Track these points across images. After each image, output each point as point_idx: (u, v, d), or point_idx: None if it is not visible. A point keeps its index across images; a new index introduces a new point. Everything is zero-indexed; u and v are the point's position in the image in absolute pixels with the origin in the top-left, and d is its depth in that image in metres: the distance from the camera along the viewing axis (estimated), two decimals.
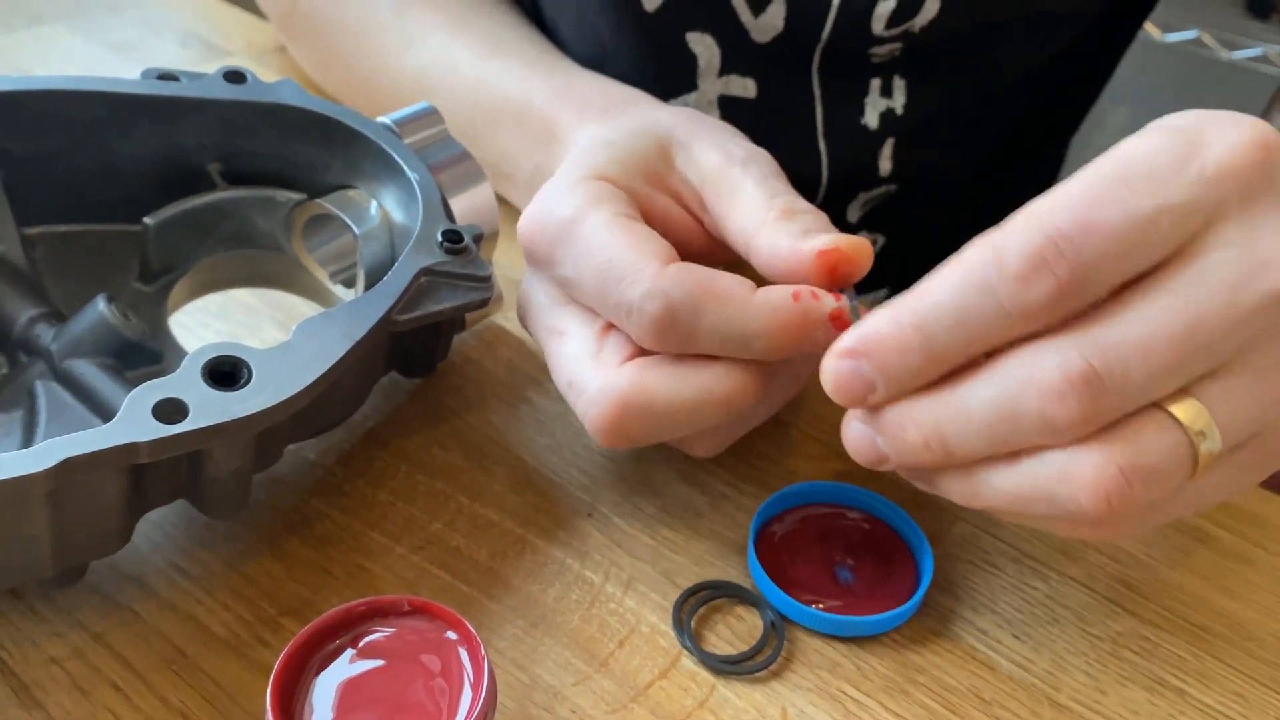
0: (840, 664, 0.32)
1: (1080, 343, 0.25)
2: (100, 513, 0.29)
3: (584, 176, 0.34)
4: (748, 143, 0.37)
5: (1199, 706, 0.32)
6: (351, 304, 0.32)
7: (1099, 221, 0.25)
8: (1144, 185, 0.25)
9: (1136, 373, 0.25)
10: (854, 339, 0.28)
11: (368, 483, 0.37)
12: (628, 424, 0.31)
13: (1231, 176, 0.26)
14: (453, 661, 0.28)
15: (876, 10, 0.47)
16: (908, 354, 0.27)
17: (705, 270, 0.31)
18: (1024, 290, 0.25)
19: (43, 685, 0.30)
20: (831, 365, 0.28)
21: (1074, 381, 0.25)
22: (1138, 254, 0.26)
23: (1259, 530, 0.37)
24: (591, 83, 0.45)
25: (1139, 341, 0.25)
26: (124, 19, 0.65)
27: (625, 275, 0.31)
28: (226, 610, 0.33)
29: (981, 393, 0.26)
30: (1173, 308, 0.25)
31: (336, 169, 0.39)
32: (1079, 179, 0.26)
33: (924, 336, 0.27)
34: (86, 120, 0.37)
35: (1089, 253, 0.25)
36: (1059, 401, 0.25)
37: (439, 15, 0.50)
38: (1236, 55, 1.15)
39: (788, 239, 0.32)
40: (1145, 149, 0.26)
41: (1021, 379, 0.26)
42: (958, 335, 0.26)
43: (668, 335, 0.30)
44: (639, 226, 0.32)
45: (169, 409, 0.28)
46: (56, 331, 0.34)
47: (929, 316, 0.27)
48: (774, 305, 0.30)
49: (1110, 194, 0.25)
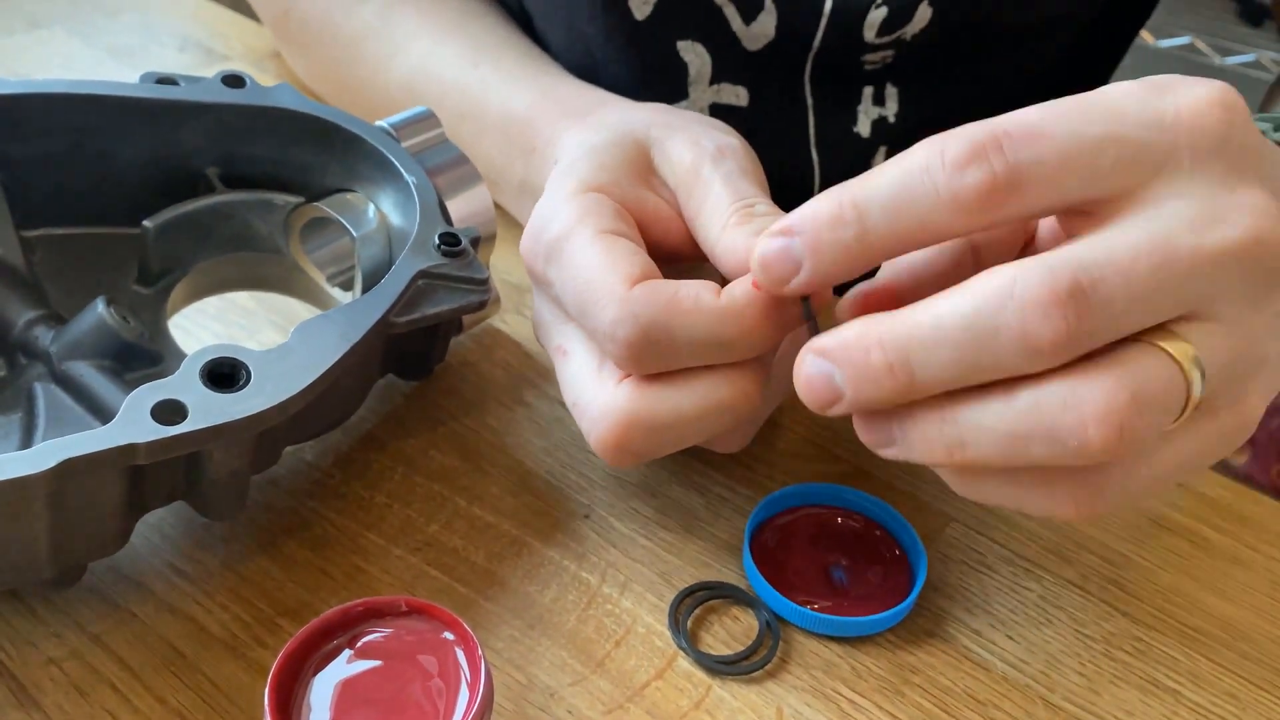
0: (835, 664, 0.32)
1: (1064, 259, 0.25)
2: (99, 514, 0.29)
3: (574, 190, 0.34)
4: (721, 134, 0.36)
5: (1192, 706, 0.32)
6: (349, 306, 0.32)
7: (1044, 132, 0.25)
8: (1099, 115, 0.26)
9: (1119, 294, 0.24)
10: (790, 218, 0.27)
11: (365, 485, 0.37)
12: (632, 442, 0.31)
13: (1188, 129, 0.26)
14: (450, 662, 0.28)
15: (868, 18, 0.47)
16: (840, 227, 0.26)
17: (670, 285, 0.30)
18: (958, 175, 0.25)
19: (41, 686, 0.30)
20: (761, 242, 0.28)
21: (1060, 296, 0.24)
22: (1079, 176, 0.25)
23: (1251, 532, 0.37)
24: (571, 90, 0.45)
25: (1120, 264, 0.25)
26: (122, 23, 0.66)
27: (598, 299, 0.31)
28: (224, 611, 0.33)
29: (956, 307, 0.25)
30: (1143, 239, 0.25)
31: (334, 172, 0.39)
32: (1046, 104, 0.26)
33: (858, 212, 0.26)
34: (86, 124, 0.37)
35: (1026, 154, 0.25)
36: (1043, 318, 0.24)
37: (425, 21, 0.50)
38: (1229, 61, 1.16)
39: (743, 239, 0.32)
40: (1114, 91, 0.27)
41: (1002, 292, 0.25)
42: (892, 217, 0.26)
43: (644, 357, 0.30)
44: (618, 243, 0.32)
45: (168, 410, 0.28)
46: (56, 334, 0.34)
47: (866, 194, 0.26)
48: (740, 301, 0.30)
49: (1066, 113, 0.26)
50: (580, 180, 0.34)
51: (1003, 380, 0.26)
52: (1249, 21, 1.20)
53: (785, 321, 0.30)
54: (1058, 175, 0.25)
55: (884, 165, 0.27)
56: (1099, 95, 0.27)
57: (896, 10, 0.47)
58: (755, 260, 0.28)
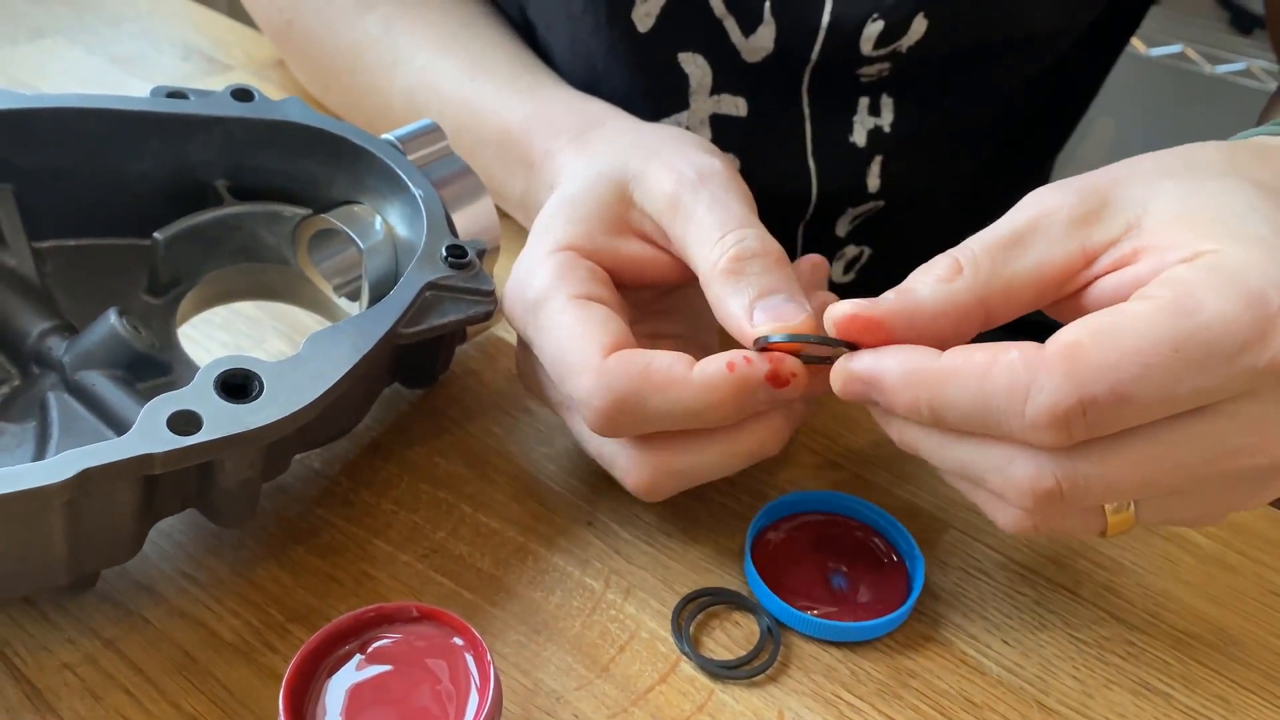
0: (835, 668, 0.33)
1: (1059, 464, 0.27)
2: (114, 522, 0.30)
3: (549, 250, 0.35)
4: (703, 155, 0.37)
5: (1183, 710, 0.33)
6: (359, 318, 0.33)
7: (1134, 396, 0.26)
8: (1196, 369, 0.25)
9: (1095, 497, 0.28)
10: (871, 371, 0.29)
11: (372, 492, 0.38)
12: (662, 486, 0.34)
13: (1275, 376, 0.26)
14: (459, 667, 0.28)
15: (865, 31, 0.48)
16: (915, 415, 0.29)
17: (643, 356, 0.31)
18: (1034, 433, 0.27)
19: (56, 691, 0.31)
20: (845, 381, 0.30)
21: (1037, 494, 0.28)
22: (1155, 418, 0.27)
23: (1241, 539, 0.38)
24: (565, 104, 0.45)
25: (1111, 476, 0.27)
26: (124, 32, 0.66)
27: (572, 368, 0.32)
28: (235, 617, 0.33)
29: (958, 452, 0.29)
30: (1156, 457, 0.27)
31: (341, 184, 0.40)
32: (1139, 333, 0.26)
33: (933, 413, 0.28)
34: (98, 137, 0.37)
35: (1111, 418, 0.26)
36: (1017, 498, 0.28)
37: (426, 33, 0.51)
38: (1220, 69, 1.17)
39: (735, 306, 0.32)
40: (1217, 324, 0.25)
41: (994, 467, 0.28)
42: (963, 425, 0.28)
43: (618, 424, 0.32)
44: (593, 311, 0.33)
45: (183, 421, 0.29)
46: (68, 344, 0.35)
47: (944, 405, 0.28)
48: (711, 380, 0.31)
49: (1159, 369, 0.25)
50: (555, 240, 0.35)
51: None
52: (1239, 30, 1.21)
53: (751, 404, 0.32)
54: (1136, 422, 0.27)
55: (968, 371, 0.27)
56: (1202, 331, 0.25)
57: (893, 23, 0.48)
58: (838, 387, 0.30)
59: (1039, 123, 0.62)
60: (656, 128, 0.41)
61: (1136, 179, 0.30)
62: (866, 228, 0.58)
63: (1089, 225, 0.29)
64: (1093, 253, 0.29)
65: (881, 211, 0.57)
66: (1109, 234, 0.29)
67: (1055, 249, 0.29)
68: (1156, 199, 0.29)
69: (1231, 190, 0.28)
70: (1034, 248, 0.29)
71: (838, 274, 0.60)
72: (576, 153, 0.41)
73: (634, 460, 0.33)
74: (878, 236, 0.59)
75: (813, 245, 0.58)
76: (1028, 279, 0.29)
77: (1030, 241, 0.29)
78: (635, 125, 0.42)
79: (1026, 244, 0.29)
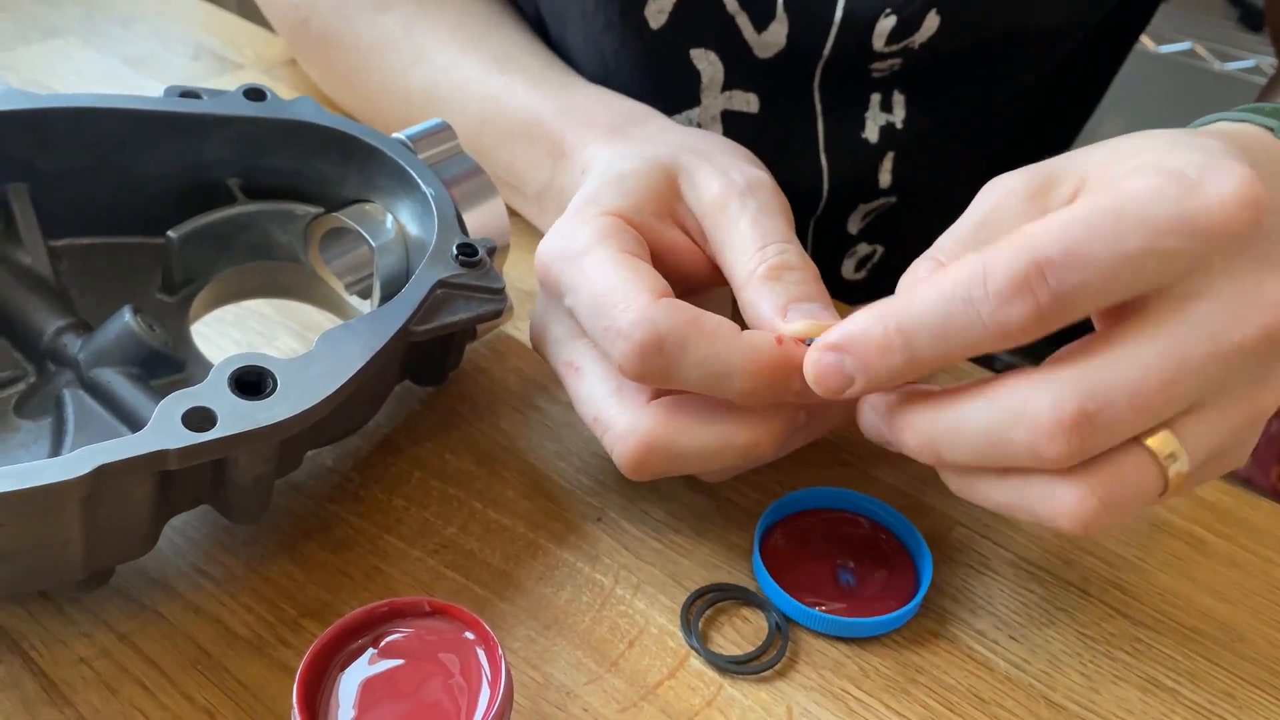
0: (843, 664, 0.33)
1: (1073, 382, 0.27)
2: (129, 518, 0.30)
3: (597, 212, 0.35)
4: (752, 167, 0.37)
5: (1190, 705, 0.33)
6: (371, 316, 0.33)
7: (1086, 254, 0.26)
8: (1136, 226, 0.26)
9: (1125, 415, 0.27)
10: (838, 334, 0.29)
11: (383, 488, 0.38)
12: (652, 462, 0.33)
13: (1220, 233, 0.27)
14: (471, 661, 0.29)
15: (877, 27, 0.48)
16: (888, 354, 0.28)
17: (694, 308, 0.32)
18: (1004, 308, 0.27)
19: (72, 684, 0.31)
20: (814, 357, 0.30)
21: (1064, 423, 0.27)
22: (1118, 289, 0.27)
23: (1249, 536, 0.38)
24: (597, 98, 0.46)
25: (1128, 384, 0.27)
26: (136, 32, 0.66)
27: (618, 303, 0.32)
28: (248, 612, 0.34)
29: (976, 415, 0.28)
30: (1160, 353, 0.27)
31: (353, 183, 0.40)
32: (1075, 208, 0.27)
33: (905, 339, 0.28)
34: (112, 137, 0.38)
35: (1071, 281, 0.26)
36: (1048, 440, 0.27)
37: (448, 32, 0.51)
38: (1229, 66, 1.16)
39: (769, 306, 0.33)
40: (1145, 191, 0.27)
41: (1014, 410, 0.27)
42: (938, 343, 0.28)
43: (651, 364, 0.31)
44: (639, 263, 0.33)
45: (198, 418, 0.29)
46: (83, 341, 0.35)
47: (912, 322, 0.28)
48: (757, 346, 0.31)
49: (1103, 229, 0.26)
50: (604, 205, 0.35)
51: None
52: (1249, 27, 1.21)
53: (784, 386, 0.31)
54: (1100, 294, 0.27)
55: (927, 284, 0.28)
56: (1130, 200, 0.27)
57: (905, 19, 0.48)
58: (809, 373, 0.30)
59: (1049, 119, 0.62)
60: (704, 133, 0.41)
61: (1078, 153, 0.31)
62: (878, 225, 0.59)
63: (1044, 194, 0.30)
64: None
65: (893, 208, 0.58)
66: (1063, 198, 0.30)
67: (1020, 220, 0.30)
68: (1093, 155, 0.30)
69: (1160, 131, 0.30)
70: (999, 225, 0.30)
71: (850, 272, 0.61)
72: (615, 145, 0.41)
73: (629, 427, 0.33)
74: (890, 234, 0.59)
75: (825, 243, 0.58)
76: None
77: (995, 222, 0.30)
78: (680, 127, 0.43)
79: (992, 225, 0.30)
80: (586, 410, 0.35)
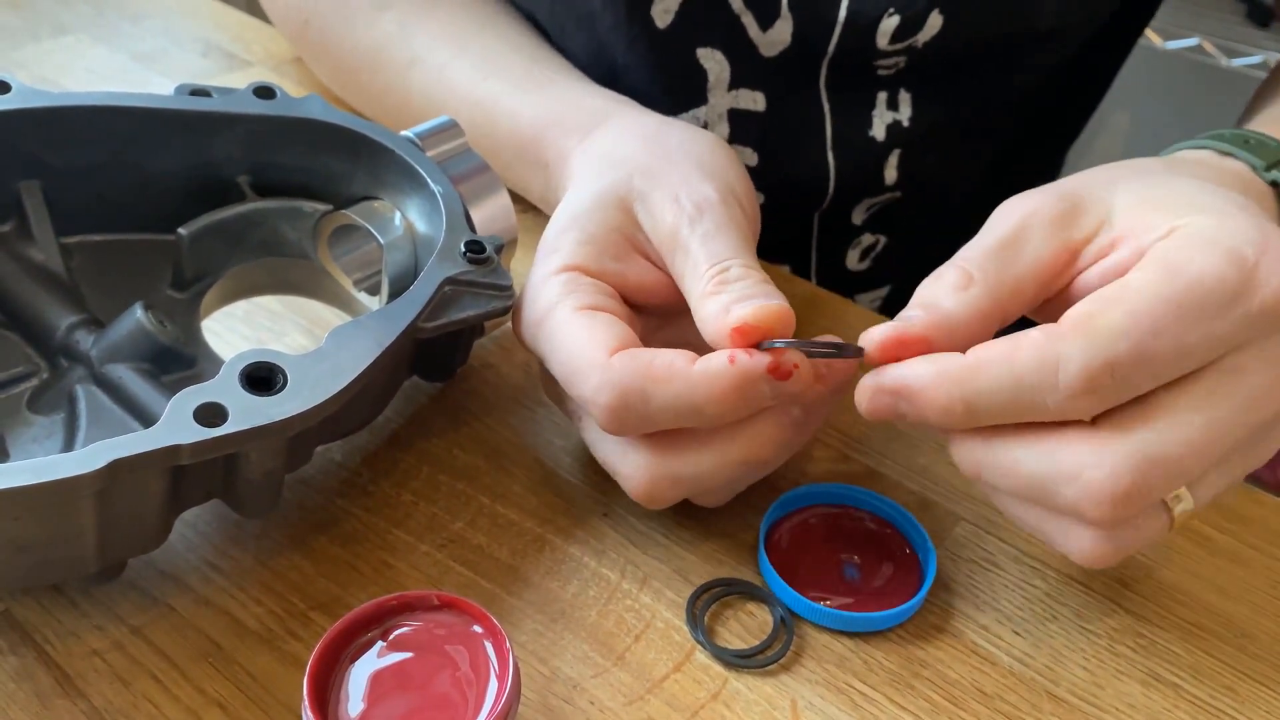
0: (847, 658, 0.34)
1: (1129, 457, 0.28)
2: (141, 512, 0.30)
3: (555, 269, 0.35)
4: (701, 181, 0.37)
5: (1192, 700, 0.33)
6: (380, 312, 0.34)
7: (1154, 352, 0.27)
8: (1198, 317, 0.28)
9: (1169, 484, 0.28)
10: (901, 380, 0.30)
11: (392, 483, 0.38)
12: (664, 493, 0.34)
13: (1270, 316, 0.28)
14: (479, 654, 0.29)
15: (881, 26, 0.48)
16: (949, 416, 0.29)
17: (648, 353, 0.32)
18: (1072, 402, 0.28)
19: (85, 676, 0.32)
20: (871, 395, 0.31)
21: (1118, 495, 0.28)
22: (1174, 373, 0.28)
23: (1252, 531, 0.38)
24: (574, 101, 0.46)
25: (1179, 459, 0.28)
26: (145, 29, 0.67)
27: (581, 369, 0.32)
28: (258, 605, 0.34)
29: (1027, 460, 0.29)
30: (1207, 423, 0.28)
31: (362, 181, 0.41)
32: (1138, 296, 0.28)
33: (968, 408, 0.29)
34: (124, 135, 0.38)
35: (1138, 378, 0.28)
36: (1095, 505, 0.28)
37: (440, 32, 0.51)
38: (1237, 63, 1.16)
39: (715, 313, 0.33)
40: (1207, 278, 0.28)
41: (1068, 471, 0.28)
42: (998, 415, 0.29)
43: (624, 420, 0.32)
44: (595, 319, 0.34)
45: (209, 413, 0.29)
46: (96, 338, 0.36)
47: (979, 395, 0.29)
48: (713, 372, 0.31)
49: (1168, 323, 0.28)
50: (562, 259, 0.36)
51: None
52: (1257, 23, 1.21)
53: (754, 397, 0.32)
54: (1159, 379, 0.28)
55: (996, 358, 0.29)
56: (1192, 288, 0.28)
57: (908, 19, 0.48)
58: (864, 403, 0.31)
59: (1055, 115, 0.63)
60: (660, 130, 0.41)
61: (1097, 183, 0.32)
62: (882, 216, 0.59)
63: (1069, 224, 0.31)
64: (1075, 248, 0.31)
65: (897, 201, 0.58)
66: (1086, 230, 0.31)
67: (1044, 248, 0.31)
68: (1118, 195, 0.31)
69: (1178, 178, 0.32)
70: (1026, 248, 0.31)
71: (854, 262, 0.61)
72: (584, 154, 0.41)
73: (635, 465, 0.34)
74: (893, 224, 0.60)
75: (829, 232, 0.59)
76: (1029, 277, 0.31)
77: (1021, 243, 0.31)
78: (639, 123, 0.42)
79: (1019, 246, 0.31)
80: (596, 454, 0.36)
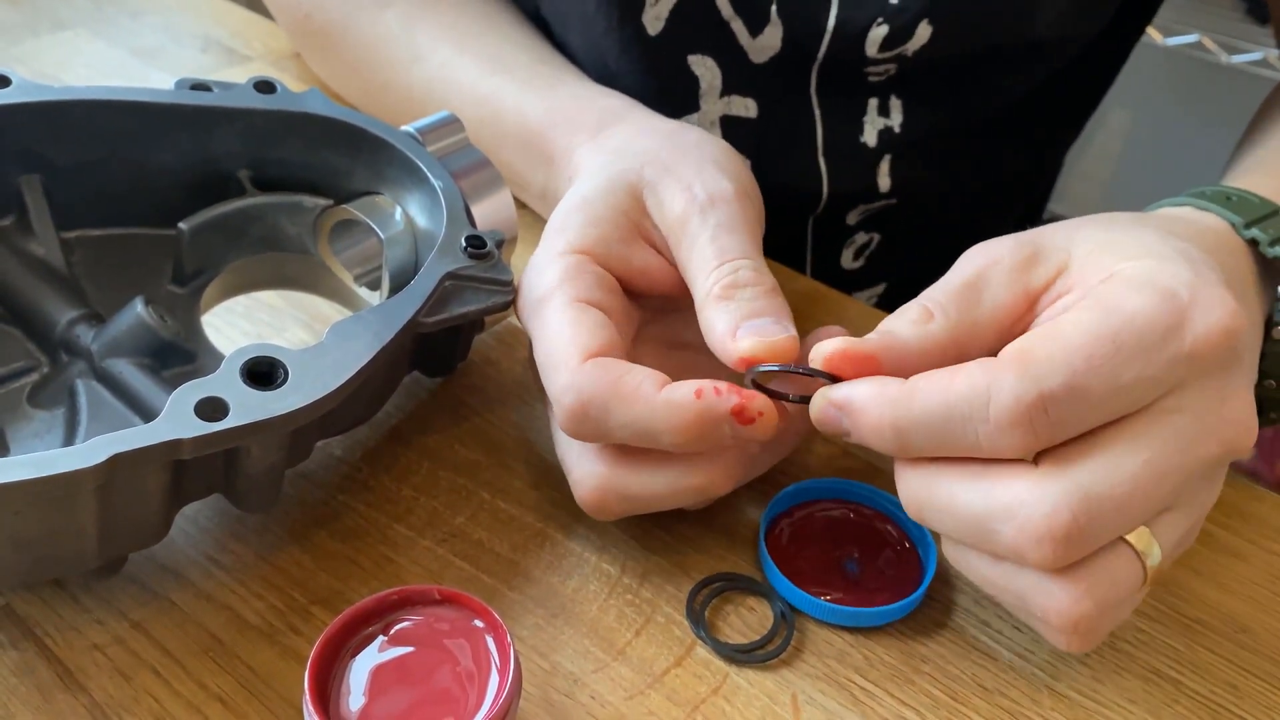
0: (848, 653, 0.34)
1: (1066, 494, 0.28)
2: (142, 506, 0.30)
3: (561, 251, 0.35)
4: (718, 175, 0.37)
5: (1192, 695, 0.33)
6: (380, 307, 0.34)
7: (1086, 388, 0.27)
8: (1131, 355, 0.28)
9: (1111, 523, 0.28)
10: (845, 396, 0.30)
11: (392, 478, 0.38)
12: (609, 505, 0.34)
13: (1203, 357, 0.28)
14: (480, 648, 0.29)
15: (869, 35, 0.48)
16: (880, 437, 0.30)
17: (619, 367, 0.32)
18: (1001, 434, 0.28)
19: (86, 670, 0.32)
20: (820, 406, 0.31)
21: (1056, 532, 0.27)
22: (1110, 412, 0.28)
23: (1252, 528, 0.38)
24: (585, 99, 0.46)
25: (1117, 497, 0.28)
26: (145, 24, 0.67)
27: (556, 365, 0.33)
28: (259, 600, 0.34)
29: (966, 498, 0.29)
30: (1145, 463, 0.28)
31: (362, 176, 0.41)
32: (1074, 332, 0.28)
33: (898, 434, 0.29)
34: (124, 129, 0.38)
35: (1070, 414, 0.28)
36: (1035, 544, 0.28)
37: (444, 29, 0.51)
38: (1236, 59, 1.16)
39: (721, 326, 0.33)
40: (1139, 318, 0.28)
41: (1005, 507, 0.28)
42: (929, 442, 0.29)
43: (582, 426, 0.32)
44: (587, 314, 0.34)
45: (210, 407, 0.29)
46: (96, 332, 0.36)
47: (910, 421, 0.29)
48: (676, 403, 0.31)
49: (1101, 362, 0.28)
50: (568, 241, 0.35)
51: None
52: (1257, 20, 1.21)
53: (714, 436, 0.32)
54: (1092, 420, 0.28)
55: (930, 388, 0.29)
56: (1126, 328, 0.28)
57: (897, 29, 0.48)
58: (814, 413, 0.31)
59: (1050, 121, 0.62)
60: (676, 130, 0.41)
61: (1060, 233, 0.33)
62: (876, 217, 0.59)
63: (1028, 270, 0.31)
64: (1034, 294, 0.31)
65: (891, 207, 0.58)
66: (1044, 277, 0.31)
67: (1003, 293, 0.31)
68: (1079, 243, 0.32)
69: (1143, 229, 0.32)
70: (987, 292, 0.31)
71: (848, 261, 0.61)
72: (594, 149, 0.41)
73: (586, 473, 0.34)
74: (887, 224, 0.60)
75: (823, 233, 0.59)
76: (988, 320, 0.31)
77: (982, 287, 0.31)
78: (654, 124, 0.42)
79: (980, 289, 0.31)
80: (557, 449, 0.36)
